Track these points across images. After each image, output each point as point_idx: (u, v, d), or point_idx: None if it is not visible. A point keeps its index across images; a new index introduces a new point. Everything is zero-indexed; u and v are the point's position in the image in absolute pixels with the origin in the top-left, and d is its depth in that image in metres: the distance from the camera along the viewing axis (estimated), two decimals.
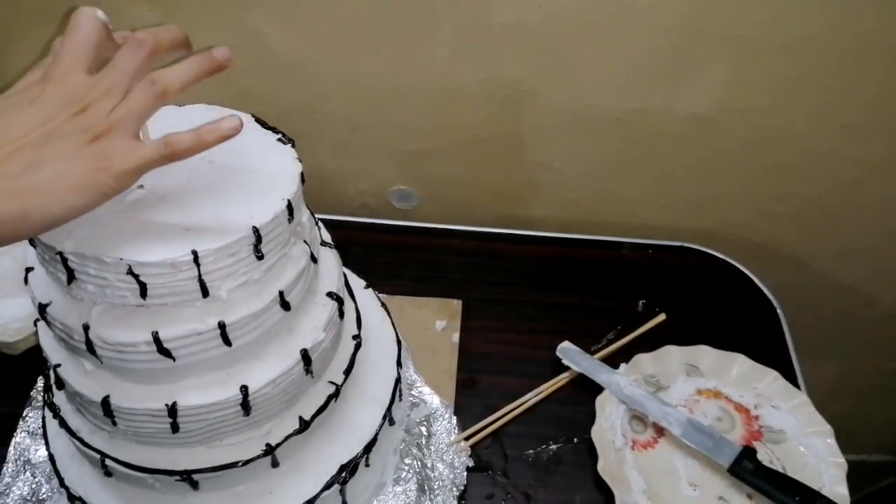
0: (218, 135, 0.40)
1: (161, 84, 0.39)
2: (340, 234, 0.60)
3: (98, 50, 0.40)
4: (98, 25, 0.40)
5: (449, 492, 0.64)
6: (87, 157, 0.37)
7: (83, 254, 0.42)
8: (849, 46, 0.73)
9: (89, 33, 0.39)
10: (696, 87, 0.78)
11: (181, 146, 0.39)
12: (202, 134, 0.40)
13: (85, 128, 0.37)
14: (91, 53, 0.39)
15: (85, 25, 0.39)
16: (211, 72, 0.42)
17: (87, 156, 0.37)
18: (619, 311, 0.80)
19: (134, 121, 0.39)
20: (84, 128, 0.37)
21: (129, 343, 0.44)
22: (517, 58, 0.77)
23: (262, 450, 0.51)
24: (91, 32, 0.39)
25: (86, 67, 0.39)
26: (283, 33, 0.77)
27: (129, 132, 0.38)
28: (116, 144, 0.38)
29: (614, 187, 0.90)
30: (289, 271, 0.48)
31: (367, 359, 0.61)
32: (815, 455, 0.68)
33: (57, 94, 0.38)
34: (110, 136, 0.38)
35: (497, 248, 0.88)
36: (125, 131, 0.38)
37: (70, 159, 0.37)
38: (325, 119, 0.85)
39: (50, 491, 0.62)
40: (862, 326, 1.04)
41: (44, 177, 0.36)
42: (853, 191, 0.86)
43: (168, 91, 0.39)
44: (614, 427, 0.69)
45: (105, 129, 0.38)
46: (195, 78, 0.41)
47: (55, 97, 0.38)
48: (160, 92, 0.39)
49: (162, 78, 0.39)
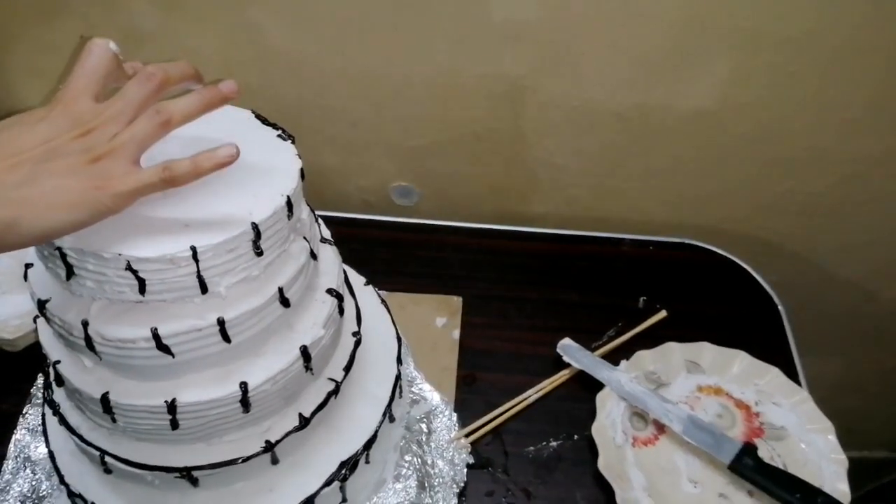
0: (215, 162, 0.41)
1: (165, 114, 0.40)
2: (340, 231, 0.60)
3: (107, 79, 0.41)
4: (109, 56, 0.41)
5: (449, 489, 0.64)
6: (86, 175, 0.38)
7: (82, 249, 0.41)
8: (850, 41, 0.72)
9: (99, 63, 0.41)
10: (697, 83, 0.77)
11: (178, 172, 0.40)
12: (199, 161, 0.41)
13: (87, 148, 0.38)
14: (100, 82, 0.41)
15: (96, 55, 0.41)
16: (217, 105, 0.43)
17: (85, 174, 0.38)
18: (619, 308, 0.80)
19: (136, 146, 0.40)
20: (86, 148, 0.38)
21: (129, 339, 0.44)
22: (517, 53, 0.77)
23: (261, 447, 0.50)
24: (101, 62, 0.41)
25: (94, 95, 0.40)
26: (283, 29, 0.77)
27: (130, 157, 0.39)
28: (116, 166, 0.39)
29: (615, 183, 0.89)
30: (288, 268, 0.48)
31: (367, 356, 0.61)
32: (816, 452, 0.67)
33: (62, 116, 0.39)
34: (111, 159, 0.39)
35: (497, 245, 0.88)
36: (126, 155, 0.39)
37: (68, 176, 0.38)
38: (325, 115, 0.85)
39: (50, 488, 0.62)
40: (863, 323, 1.04)
41: (40, 190, 0.37)
42: (855, 186, 0.86)
43: (171, 121, 0.41)
44: (615, 424, 0.69)
45: (106, 151, 0.39)
46: (200, 111, 0.43)
47: (60, 118, 0.39)
48: (164, 121, 0.40)
49: (167, 108, 0.41)
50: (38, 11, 0.78)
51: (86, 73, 0.40)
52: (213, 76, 0.90)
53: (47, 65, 0.83)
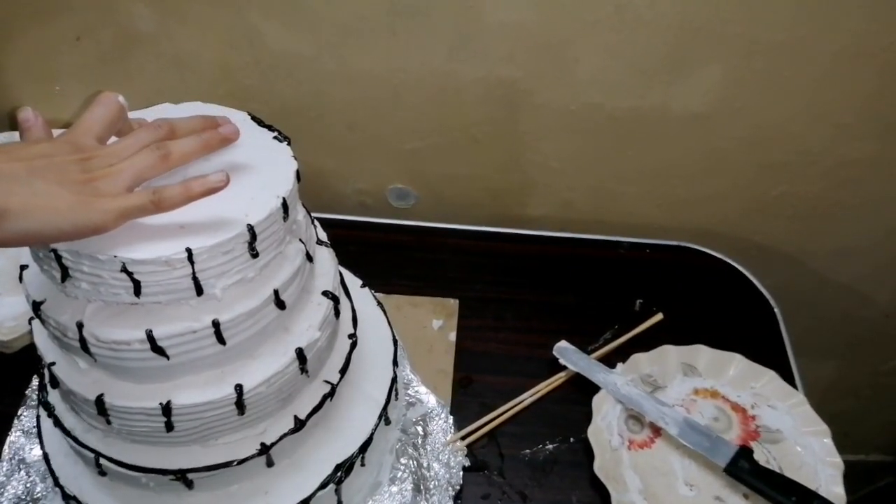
0: (206, 188, 0.42)
1: (165, 150, 0.42)
2: (337, 233, 0.60)
3: (112, 126, 0.43)
4: (117, 107, 0.43)
5: (445, 491, 0.64)
6: (77, 189, 0.39)
7: (77, 251, 0.41)
8: (844, 46, 0.73)
9: (108, 112, 0.43)
10: (693, 86, 0.78)
11: (168, 196, 0.41)
12: (190, 187, 0.42)
13: (84, 169, 0.40)
14: (106, 128, 0.43)
15: (105, 105, 0.43)
16: (216, 147, 0.46)
17: (77, 188, 0.39)
18: (616, 311, 0.80)
19: (132, 175, 0.41)
20: (83, 168, 0.40)
21: (123, 341, 0.44)
22: (514, 56, 0.77)
23: (256, 449, 0.50)
24: (110, 111, 0.43)
25: (98, 137, 0.42)
26: (281, 31, 0.77)
27: (124, 182, 0.41)
28: (108, 187, 0.40)
29: (611, 186, 0.90)
30: (284, 270, 0.48)
31: (363, 358, 0.61)
32: (811, 455, 0.68)
33: (66, 143, 0.41)
34: (104, 180, 0.40)
35: (494, 247, 0.88)
36: (121, 180, 0.41)
37: (60, 185, 0.38)
38: (322, 117, 0.85)
39: (44, 490, 0.62)
40: (859, 326, 1.04)
41: (30, 189, 0.38)
42: (849, 190, 0.86)
43: (171, 157, 0.43)
44: (611, 427, 0.69)
45: (102, 174, 0.40)
46: (201, 152, 0.45)
47: (64, 144, 0.41)
48: (163, 155, 0.42)
49: (168, 145, 0.42)
50: (37, 12, 0.78)
51: (93, 118, 0.42)
52: (211, 78, 0.91)
53: (45, 66, 0.83)
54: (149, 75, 0.82)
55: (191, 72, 0.82)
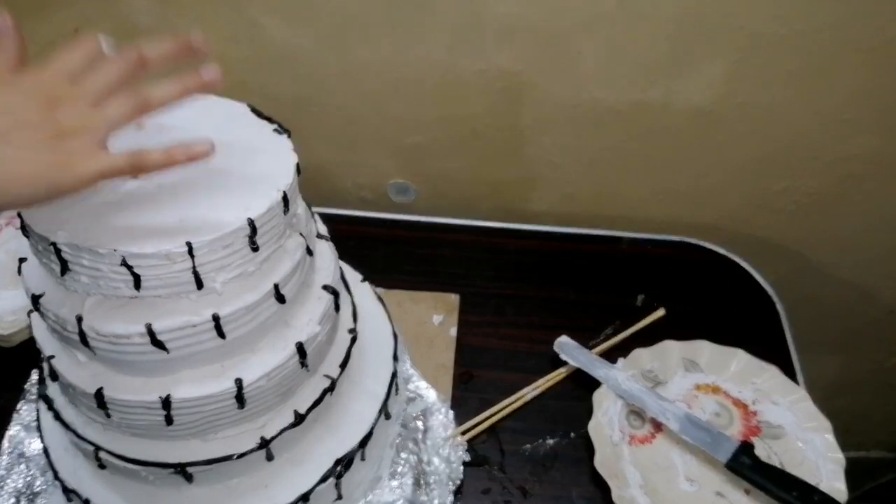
0: (189, 155, 0.40)
1: (141, 97, 0.39)
2: (337, 228, 0.60)
3: (88, 72, 0.39)
4: (95, 48, 0.40)
5: (445, 486, 0.63)
6: (49, 151, 0.36)
7: (77, 245, 0.41)
8: (847, 41, 0.72)
9: (85, 53, 0.39)
10: (695, 81, 0.77)
11: (149, 159, 0.39)
12: (172, 154, 0.39)
13: (53, 123, 0.37)
14: (79, 68, 0.39)
15: (84, 46, 0.40)
16: (197, 91, 0.41)
17: (48, 150, 0.36)
18: (617, 306, 0.80)
19: (105, 128, 0.38)
20: (52, 123, 0.37)
21: (123, 335, 0.43)
22: (515, 50, 0.76)
23: (256, 443, 0.50)
24: (87, 52, 0.39)
25: (68, 76, 0.39)
26: (282, 25, 0.77)
27: (98, 138, 0.38)
28: (81, 146, 0.37)
29: (613, 181, 0.89)
30: (284, 264, 0.48)
31: (364, 353, 0.61)
32: (813, 451, 0.67)
33: (32, 87, 0.37)
34: (78, 137, 0.37)
35: (495, 243, 0.87)
36: (94, 135, 0.38)
37: (30, 149, 0.36)
38: (323, 111, 0.85)
39: (44, 484, 0.62)
40: (862, 321, 1.04)
41: (0, 158, 0.35)
42: (851, 185, 0.86)
43: (148, 103, 0.39)
44: (612, 422, 0.69)
45: (74, 128, 0.37)
46: (179, 95, 0.41)
47: (29, 88, 0.37)
48: (138, 103, 0.39)
49: (143, 91, 0.39)
50: (35, 5, 0.78)
51: (66, 63, 0.39)
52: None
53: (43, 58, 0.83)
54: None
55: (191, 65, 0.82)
